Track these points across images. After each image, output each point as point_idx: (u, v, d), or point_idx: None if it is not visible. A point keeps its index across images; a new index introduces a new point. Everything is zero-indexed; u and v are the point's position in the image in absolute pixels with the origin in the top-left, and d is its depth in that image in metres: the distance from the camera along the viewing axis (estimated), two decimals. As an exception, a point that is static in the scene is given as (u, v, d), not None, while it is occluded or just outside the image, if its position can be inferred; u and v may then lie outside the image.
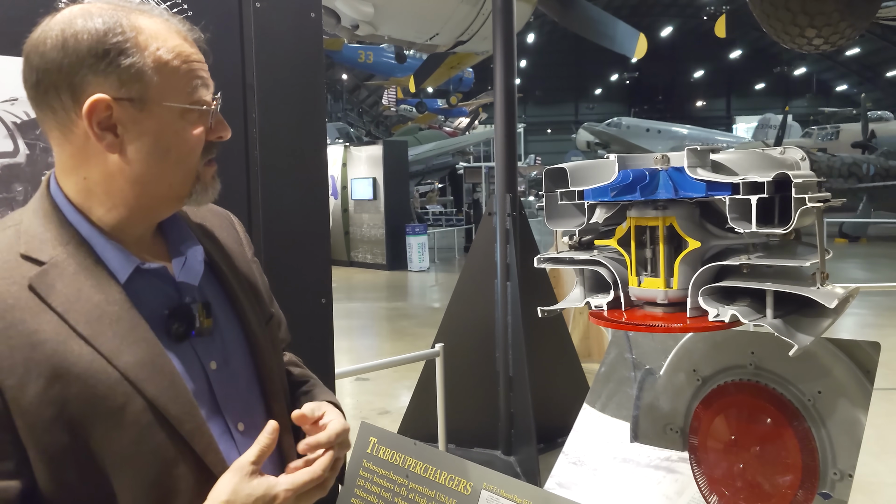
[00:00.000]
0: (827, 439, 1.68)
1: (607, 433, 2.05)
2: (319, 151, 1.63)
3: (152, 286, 1.04)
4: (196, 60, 1.05)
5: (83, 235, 1.01)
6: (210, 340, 1.09)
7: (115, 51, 0.96)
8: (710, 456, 1.87)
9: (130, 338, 0.97)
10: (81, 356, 0.94)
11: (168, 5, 1.39)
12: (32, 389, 0.91)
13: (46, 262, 0.97)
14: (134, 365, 0.96)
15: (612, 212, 1.64)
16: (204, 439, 1.01)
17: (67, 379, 0.93)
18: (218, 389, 1.07)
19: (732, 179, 1.38)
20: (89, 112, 0.96)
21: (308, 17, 1.60)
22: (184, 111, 1.02)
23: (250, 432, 1.09)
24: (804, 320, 1.44)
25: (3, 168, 1.24)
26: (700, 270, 1.46)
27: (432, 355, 3.82)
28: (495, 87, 4.45)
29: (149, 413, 0.97)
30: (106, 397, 0.94)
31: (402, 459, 1.59)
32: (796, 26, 3.84)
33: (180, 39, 1.04)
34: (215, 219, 1.26)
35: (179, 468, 0.99)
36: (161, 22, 1.03)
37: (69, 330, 0.94)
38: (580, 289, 1.71)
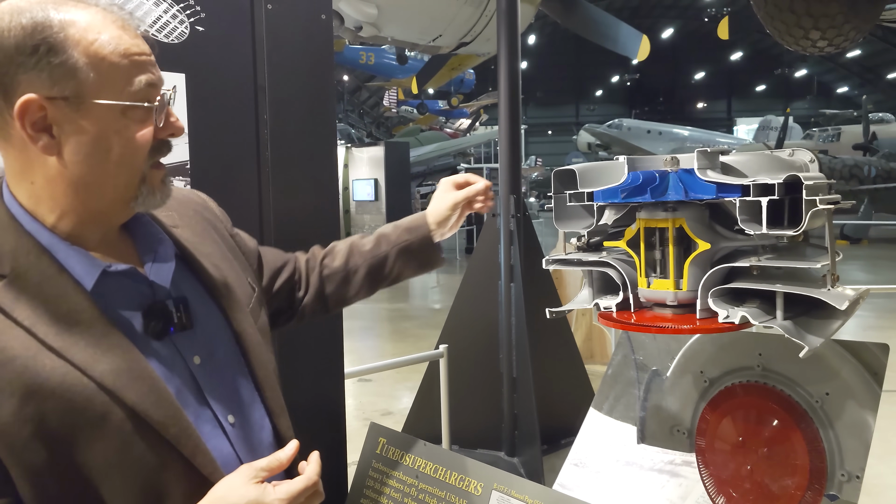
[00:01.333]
0: (835, 441, 1.69)
1: (613, 436, 2.05)
2: (330, 152, 1.64)
3: (123, 288, 1.00)
4: (138, 53, 0.97)
5: (43, 244, 0.96)
6: (192, 335, 1.05)
7: (44, 47, 0.90)
8: (717, 458, 1.87)
9: (103, 345, 0.94)
10: (54, 370, 0.90)
11: (181, 7, 1.39)
12: (6, 409, 0.88)
13: (7, 274, 0.92)
14: (110, 373, 0.93)
15: (622, 213, 1.65)
16: (191, 442, 0.98)
17: (42, 395, 0.89)
18: (204, 383, 1.04)
19: (743, 181, 1.39)
20: (21, 113, 0.90)
21: (319, 18, 1.60)
22: (125, 108, 0.94)
23: (241, 424, 1.07)
24: (814, 322, 1.44)
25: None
26: (710, 272, 1.46)
27: (436, 356, 3.83)
28: (499, 89, 4.45)
29: (131, 421, 0.93)
30: (84, 409, 0.91)
31: (412, 460, 1.60)
32: (801, 28, 3.85)
33: (119, 31, 0.96)
34: (184, 206, 1.21)
35: (169, 472, 0.97)
36: (97, 12, 0.96)
37: (38, 344, 0.91)
38: (588, 290, 1.71)
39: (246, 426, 1.07)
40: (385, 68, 25.47)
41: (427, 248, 1.52)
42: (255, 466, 0.97)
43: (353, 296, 1.51)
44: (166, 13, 1.38)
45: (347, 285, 1.49)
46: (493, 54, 7.56)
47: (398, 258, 1.50)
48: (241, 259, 1.26)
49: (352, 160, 16.62)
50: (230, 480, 0.96)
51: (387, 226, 1.55)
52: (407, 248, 1.50)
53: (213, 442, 1.02)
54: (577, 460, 2.06)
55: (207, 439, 1.01)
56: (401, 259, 1.50)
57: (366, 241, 1.52)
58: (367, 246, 1.51)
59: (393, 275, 1.52)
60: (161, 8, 1.37)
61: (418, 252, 1.51)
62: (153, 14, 1.36)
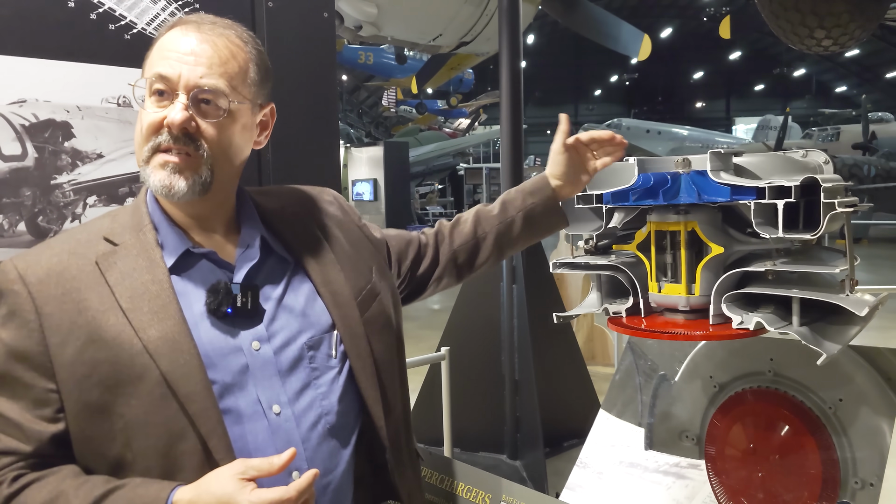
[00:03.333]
0: (848, 448, 1.67)
1: (621, 438, 2.03)
2: (332, 151, 1.62)
3: (202, 268, 1.12)
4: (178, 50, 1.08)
5: (155, 222, 1.12)
6: (254, 322, 1.12)
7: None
8: (727, 465, 1.84)
9: (161, 314, 1.05)
10: (114, 326, 1.04)
11: (179, 4, 1.36)
12: (71, 349, 1.03)
13: (119, 244, 1.10)
14: (156, 339, 1.04)
15: (631, 216, 1.62)
16: (210, 422, 1.04)
17: (99, 344, 1.03)
18: (255, 369, 1.10)
19: (758, 183, 1.36)
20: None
21: (321, 16, 1.57)
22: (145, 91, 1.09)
23: (288, 416, 1.11)
24: (830, 328, 1.41)
25: (10, 172, 1.22)
26: (723, 277, 1.43)
27: (438, 359, 3.80)
28: (501, 89, 4.43)
29: (161, 386, 1.03)
30: (127, 365, 1.03)
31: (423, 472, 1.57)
32: (805, 27, 3.83)
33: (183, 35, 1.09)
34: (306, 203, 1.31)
35: (185, 444, 1.04)
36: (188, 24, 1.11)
37: (114, 301, 1.05)
38: (597, 294, 1.68)
39: (292, 419, 1.11)
40: (384, 68, 25.45)
41: (551, 209, 1.54)
42: (248, 464, 1.00)
43: (482, 262, 1.55)
44: (164, 11, 1.35)
45: (477, 252, 1.53)
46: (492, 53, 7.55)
47: (525, 221, 1.53)
48: (368, 249, 1.34)
49: (351, 160, 16.59)
50: (222, 470, 1.01)
51: (510, 191, 1.58)
52: (532, 211, 1.52)
53: (249, 426, 1.08)
54: (586, 462, 2.04)
55: (245, 422, 1.08)
56: (527, 222, 1.53)
57: (492, 208, 1.55)
58: (493, 212, 1.54)
59: (521, 239, 1.56)
60: (158, 6, 1.35)
61: (543, 213, 1.54)
62: (151, 12, 1.34)
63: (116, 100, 1.32)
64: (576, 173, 1.51)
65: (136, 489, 1.01)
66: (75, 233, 1.15)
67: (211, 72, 1.09)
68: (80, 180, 1.30)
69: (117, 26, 1.32)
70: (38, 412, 1.04)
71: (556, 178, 1.52)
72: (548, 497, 1.39)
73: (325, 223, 1.30)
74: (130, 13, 1.32)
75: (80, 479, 1.03)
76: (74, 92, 1.29)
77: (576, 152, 1.50)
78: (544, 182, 1.53)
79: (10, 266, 1.08)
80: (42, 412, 1.04)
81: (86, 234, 1.13)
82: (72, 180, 1.29)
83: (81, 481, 1.03)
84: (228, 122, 1.11)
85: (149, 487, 1.01)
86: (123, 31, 1.33)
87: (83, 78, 1.30)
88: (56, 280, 1.07)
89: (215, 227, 1.17)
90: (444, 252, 1.51)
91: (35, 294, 1.05)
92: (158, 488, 1.01)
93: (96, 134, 1.31)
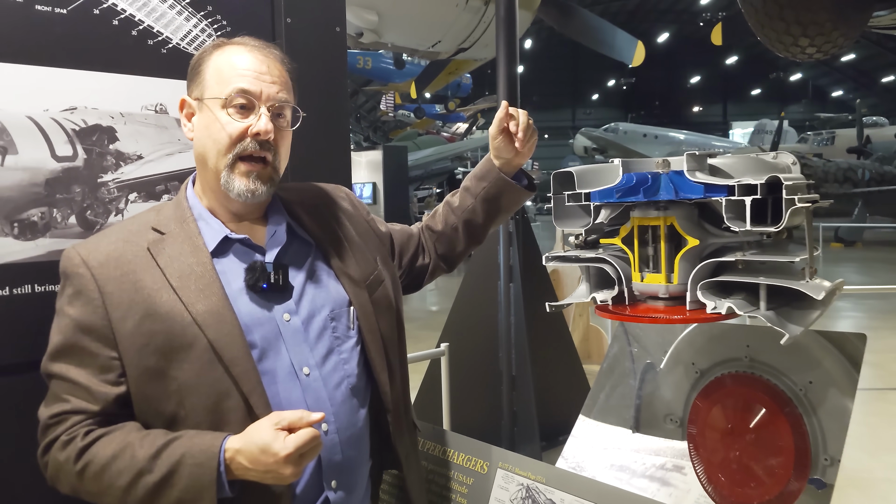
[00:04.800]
0: (818, 426, 1.76)
1: (604, 441, 2.11)
2: (344, 153, 1.75)
3: (239, 251, 1.28)
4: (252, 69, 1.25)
5: (196, 215, 1.29)
6: (285, 297, 1.28)
7: (197, 66, 1.27)
8: (707, 444, 1.96)
9: (206, 292, 1.21)
10: (168, 302, 1.20)
11: (209, 21, 1.50)
12: (130, 322, 1.19)
13: (166, 233, 1.26)
14: (203, 313, 1.20)
15: (617, 213, 1.75)
16: (250, 383, 1.20)
17: (154, 317, 1.19)
18: (287, 337, 1.26)
19: (728, 182, 1.49)
20: (179, 108, 1.30)
21: (334, 31, 1.71)
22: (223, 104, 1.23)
23: (316, 377, 1.28)
24: (795, 312, 1.55)
25: (63, 171, 1.35)
26: (698, 266, 1.56)
27: (438, 354, 3.91)
28: (498, 94, 4.54)
29: (209, 352, 1.19)
30: (179, 335, 1.19)
31: (422, 443, 1.70)
32: (790, 36, 3.96)
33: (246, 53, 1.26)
34: (322, 197, 1.48)
35: (230, 401, 1.19)
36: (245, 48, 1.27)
37: (165, 281, 1.21)
38: (586, 285, 1.81)
39: (320, 380, 1.28)
40: (382, 72, 25.48)
41: (505, 187, 1.63)
42: (283, 416, 1.14)
43: (462, 249, 1.68)
44: (196, 27, 1.49)
45: (454, 242, 1.66)
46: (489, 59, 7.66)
47: (485, 205, 1.63)
48: (374, 240, 1.50)
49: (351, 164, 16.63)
50: (261, 422, 1.15)
51: (467, 177, 1.68)
52: (487, 195, 1.63)
53: (283, 385, 1.25)
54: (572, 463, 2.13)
55: (279, 382, 1.24)
56: (487, 205, 1.64)
57: (455, 199, 1.67)
58: (456, 202, 1.66)
59: (488, 219, 1.66)
60: (191, 23, 1.49)
61: (498, 194, 1.63)
62: (184, 28, 1.48)
63: (154, 107, 1.46)
64: (511, 147, 1.61)
65: (192, 439, 1.16)
66: (126, 224, 1.30)
67: (283, 88, 1.27)
68: (123, 179, 1.44)
69: (155, 42, 1.46)
70: (104, 377, 1.19)
71: (497, 158, 1.63)
72: (540, 463, 1.53)
73: (338, 215, 1.46)
74: (166, 30, 1.46)
75: (143, 433, 1.18)
76: (118, 100, 1.43)
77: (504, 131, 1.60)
78: (489, 164, 1.64)
79: (73, 253, 1.23)
80: (107, 377, 1.19)
81: (136, 225, 1.28)
82: (115, 179, 1.43)
83: (144, 434, 1.18)
84: (288, 131, 1.30)
85: (203, 437, 1.16)
86: (160, 46, 1.47)
87: (125, 88, 1.43)
88: (114, 264, 1.22)
89: (249, 217, 1.32)
90: (430, 245, 1.65)
91: (97, 276, 1.20)
92: (212, 437, 1.16)
93: (137, 138, 1.44)
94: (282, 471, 1.11)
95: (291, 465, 1.11)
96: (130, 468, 1.14)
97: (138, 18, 1.43)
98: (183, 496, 1.14)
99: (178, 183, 1.51)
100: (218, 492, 1.13)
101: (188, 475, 1.13)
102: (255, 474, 1.14)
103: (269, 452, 1.11)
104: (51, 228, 1.37)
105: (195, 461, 1.13)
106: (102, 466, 1.15)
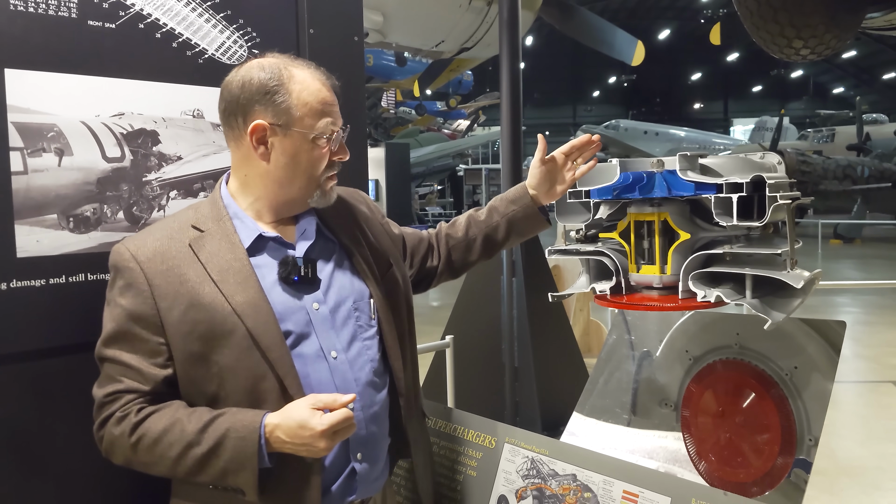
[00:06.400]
0: (802, 409, 1.84)
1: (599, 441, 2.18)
2: (361, 154, 1.88)
3: (272, 248, 1.39)
4: (328, 101, 1.38)
5: (231, 214, 1.39)
6: (314, 288, 1.40)
7: (272, 91, 1.33)
8: (700, 426, 2.07)
9: (244, 285, 1.32)
10: (209, 293, 1.31)
11: (241, 33, 1.64)
12: (176, 312, 1.30)
13: (205, 231, 1.36)
14: (242, 304, 1.31)
15: (614, 209, 1.87)
16: (285, 366, 1.31)
17: (198, 307, 1.30)
18: (317, 324, 1.38)
19: (717, 180, 1.62)
20: (252, 131, 1.34)
21: (352, 40, 1.85)
22: (314, 137, 1.36)
23: (343, 360, 1.40)
24: (778, 300, 1.67)
25: (113, 171, 1.48)
26: (690, 258, 1.69)
27: (443, 346, 4.02)
28: (501, 91, 4.61)
29: (247, 339, 1.30)
30: (221, 323, 1.30)
31: (433, 422, 1.83)
32: (784, 37, 4.07)
33: (319, 85, 1.38)
34: (349, 200, 1.59)
35: (267, 383, 1.31)
36: (308, 72, 1.38)
37: (206, 275, 1.32)
38: (586, 277, 1.93)
39: (346, 363, 1.40)
40: (384, 70, 25.48)
41: (531, 215, 1.78)
42: (319, 398, 1.26)
43: (474, 260, 1.82)
44: (228, 39, 1.63)
45: (469, 252, 1.79)
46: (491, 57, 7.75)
47: (508, 226, 1.78)
48: (387, 241, 1.62)
49: (353, 161, 16.67)
50: (298, 402, 1.27)
51: (497, 197, 1.83)
52: (514, 217, 1.77)
53: (314, 366, 1.36)
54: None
55: (310, 364, 1.36)
56: (510, 226, 1.78)
57: (480, 213, 1.80)
58: (481, 217, 1.79)
59: (507, 240, 1.81)
60: (224, 35, 1.62)
61: (524, 218, 1.78)
62: (218, 40, 1.61)
63: (192, 112, 1.59)
64: (551, 184, 1.77)
65: (235, 415, 1.28)
66: (168, 222, 1.41)
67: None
68: (165, 178, 1.56)
69: (192, 52, 1.59)
70: (153, 360, 1.31)
71: (533, 189, 1.77)
72: (545, 437, 1.66)
73: (357, 218, 1.58)
74: (203, 41, 1.58)
75: (189, 410, 1.31)
76: (160, 106, 1.55)
77: (554, 164, 1.76)
78: (523, 191, 1.78)
79: (123, 248, 1.34)
80: (156, 360, 1.31)
81: (177, 223, 1.39)
82: (158, 178, 1.55)
83: (190, 411, 1.30)
84: None
85: (245, 414, 1.29)
86: (197, 57, 1.59)
87: (167, 95, 1.56)
88: (161, 259, 1.33)
89: (282, 217, 1.43)
90: (443, 251, 1.78)
91: (146, 270, 1.31)
92: (253, 414, 1.28)
93: (177, 140, 1.57)
94: (317, 444, 1.23)
95: (326, 439, 1.23)
96: (180, 441, 1.26)
97: (178, 31, 1.56)
98: (228, 465, 1.26)
99: (213, 181, 1.63)
100: (259, 462, 1.25)
101: (232, 447, 1.25)
102: (291, 447, 1.25)
103: (307, 427, 1.22)
104: (102, 223, 1.50)
105: (238, 435, 1.25)
106: (154, 439, 1.26)
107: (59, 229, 1.44)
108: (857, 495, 4.00)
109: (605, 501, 1.53)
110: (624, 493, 1.50)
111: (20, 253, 1.41)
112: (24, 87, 1.39)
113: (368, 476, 1.43)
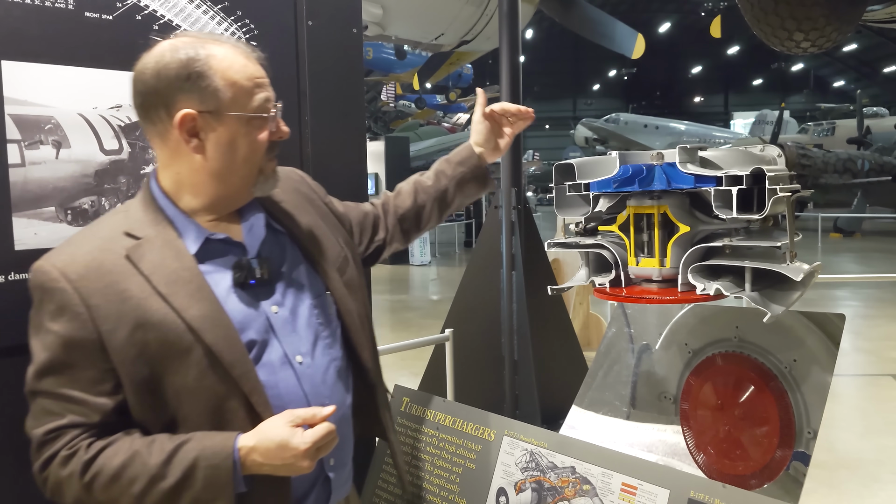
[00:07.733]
0: (801, 401, 1.84)
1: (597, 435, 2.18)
2: (359, 145, 1.87)
3: (221, 250, 1.27)
4: (258, 76, 1.25)
5: (169, 217, 1.25)
6: (271, 289, 1.30)
7: (194, 75, 1.19)
8: (699, 419, 2.07)
9: (197, 296, 1.19)
10: (158, 310, 1.17)
11: (239, 25, 1.63)
12: (121, 333, 1.16)
13: (142, 237, 1.22)
14: (198, 318, 1.18)
15: (614, 202, 1.86)
16: (250, 382, 1.20)
17: (146, 327, 1.17)
18: (278, 328, 1.28)
19: (717, 173, 1.62)
20: (180, 123, 1.19)
21: (351, 32, 1.84)
22: (249, 119, 1.23)
23: (309, 364, 1.30)
24: (777, 293, 1.67)
25: (111, 163, 1.48)
26: (689, 251, 1.68)
27: (442, 339, 4.03)
28: (501, 84, 4.62)
29: (207, 357, 1.18)
30: (175, 342, 1.17)
31: (433, 415, 1.84)
32: (785, 30, 4.06)
33: (245, 60, 1.24)
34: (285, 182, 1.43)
35: (231, 402, 1.20)
36: (230, 48, 1.24)
37: (152, 289, 1.18)
38: (585, 270, 1.94)
39: (312, 366, 1.30)
40: (383, 63, 25.43)
41: (479, 175, 1.75)
42: (297, 413, 1.19)
43: (425, 226, 1.76)
44: (226, 31, 1.62)
45: (419, 219, 1.73)
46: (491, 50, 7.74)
47: (457, 188, 1.74)
48: (334, 222, 1.52)
49: (352, 155, 16.66)
50: (274, 419, 1.18)
51: (441, 160, 1.77)
52: (462, 178, 1.73)
53: (281, 374, 1.26)
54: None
55: (275, 373, 1.25)
56: (458, 188, 1.74)
57: (427, 178, 1.75)
58: (429, 182, 1.74)
59: (456, 201, 1.77)
60: (222, 27, 1.61)
61: (472, 179, 1.74)
62: (216, 32, 1.61)
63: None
64: (494, 140, 1.75)
65: (202, 441, 1.17)
66: (94, 230, 1.26)
67: None
68: (162, 170, 1.57)
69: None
70: (99, 388, 1.17)
71: (478, 146, 1.75)
72: (543, 430, 1.66)
73: (300, 201, 1.46)
74: (200, 34, 1.60)
75: (148, 439, 1.18)
76: (158, 98, 1.56)
77: (493, 121, 1.74)
78: (469, 151, 1.74)
79: (47, 266, 1.19)
80: (102, 388, 1.17)
81: (105, 230, 1.24)
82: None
83: (149, 440, 1.18)
84: None
85: (213, 438, 1.17)
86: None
87: (164, 87, 1.57)
88: (95, 274, 1.17)
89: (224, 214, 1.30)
90: (391, 221, 1.71)
91: (79, 288, 1.16)
92: (224, 437, 1.17)
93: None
94: (299, 464, 1.16)
95: (309, 458, 1.16)
96: (143, 475, 1.14)
97: (176, 23, 1.55)
98: (200, 496, 1.15)
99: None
100: (235, 489, 1.16)
101: (203, 477, 1.15)
102: (269, 468, 1.17)
103: (288, 448, 1.15)
104: (100, 215, 1.47)
105: (209, 463, 1.15)
106: (111, 476, 1.14)
107: (56, 222, 1.44)
108: (856, 488, 4.01)
109: (603, 494, 1.53)
110: (623, 486, 1.50)
111: (18, 246, 1.41)
112: (21, 79, 1.39)
113: (340, 479, 1.39)
